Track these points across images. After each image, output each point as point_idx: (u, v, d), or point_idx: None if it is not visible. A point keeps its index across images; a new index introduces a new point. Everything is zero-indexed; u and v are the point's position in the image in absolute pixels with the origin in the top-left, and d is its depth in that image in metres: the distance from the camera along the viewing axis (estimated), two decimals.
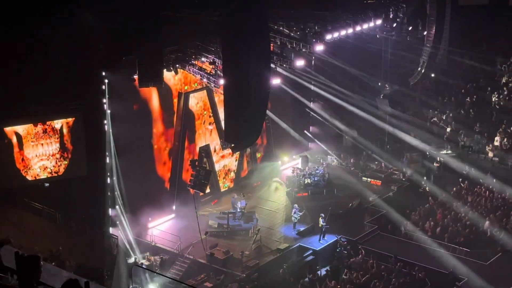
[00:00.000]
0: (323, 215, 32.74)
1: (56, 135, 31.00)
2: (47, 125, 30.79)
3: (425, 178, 38.88)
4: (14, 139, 30.23)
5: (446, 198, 36.02)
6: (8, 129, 30.09)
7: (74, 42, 29.65)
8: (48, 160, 30.99)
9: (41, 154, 30.86)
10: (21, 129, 30.31)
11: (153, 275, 28.06)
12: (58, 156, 31.21)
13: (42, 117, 30.58)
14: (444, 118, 42.42)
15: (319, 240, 32.43)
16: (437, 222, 33.67)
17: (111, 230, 31.28)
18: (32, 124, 30.46)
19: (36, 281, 6.53)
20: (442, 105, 43.49)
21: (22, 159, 30.63)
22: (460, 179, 37.77)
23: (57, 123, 30.97)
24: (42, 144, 30.74)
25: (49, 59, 29.63)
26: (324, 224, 32.34)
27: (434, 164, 39.62)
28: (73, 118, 31.22)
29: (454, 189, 37.01)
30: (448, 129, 41.34)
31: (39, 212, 30.71)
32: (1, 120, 29.73)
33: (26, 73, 29.19)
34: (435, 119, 42.51)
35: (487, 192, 36.32)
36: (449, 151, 40.72)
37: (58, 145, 31.10)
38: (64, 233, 30.51)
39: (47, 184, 30.84)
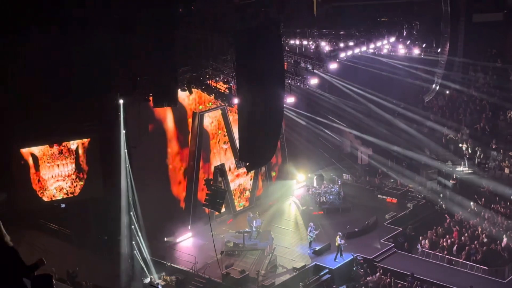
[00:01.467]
0: (340, 233, 32.64)
1: (72, 156, 31.20)
2: (62, 146, 31.01)
3: (441, 195, 38.65)
4: (30, 160, 30.48)
5: (462, 216, 35.79)
6: (25, 151, 30.32)
7: (89, 63, 29.88)
8: (64, 181, 31.16)
9: (57, 175, 31.06)
10: (37, 150, 30.56)
11: None
12: (74, 176, 31.39)
13: (58, 138, 30.78)
14: (459, 134, 42.22)
15: (335, 258, 32.26)
16: (454, 240, 33.43)
17: (127, 250, 31.30)
18: (48, 145, 30.67)
19: None
20: (457, 121, 43.31)
21: (38, 180, 30.84)
22: (477, 196, 37.49)
23: (73, 144, 31.19)
24: (58, 165, 30.93)
25: (65, 81, 29.88)
26: (341, 242, 32.20)
27: (450, 181, 39.39)
28: (89, 139, 31.43)
29: (471, 206, 36.75)
30: (464, 146, 41.13)
31: (55, 233, 30.85)
32: (17, 142, 29.96)
33: (42, 95, 29.45)
34: (450, 135, 42.32)
35: (504, 209, 36.03)
36: (465, 168, 40.50)
37: (74, 165, 31.30)
38: (80, 254, 30.60)
39: (63, 205, 30.96)
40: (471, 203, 36.96)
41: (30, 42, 28.58)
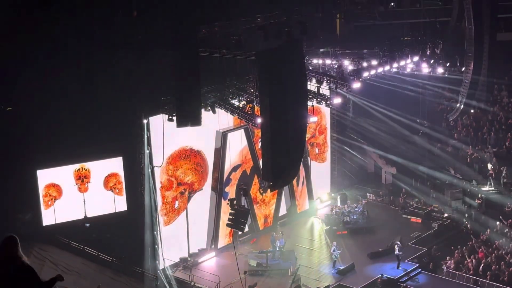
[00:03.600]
0: (398, 243, 32.86)
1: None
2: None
3: (466, 215, 38.32)
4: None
5: (488, 236, 35.43)
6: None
7: (113, 83, 30.21)
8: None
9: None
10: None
11: None
12: None
13: (81, 158, 31.02)
14: (485, 154, 41.90)
15: (397, 267, 32.84)
16: (479, 260, 33.06)
17: (150, 269, 31.36)
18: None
19: None
20: (482, 141, 43.01)
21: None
22: (502, 216, 37.09)
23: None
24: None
25: (89, 101, 30.20)
26: (399, 253, 32.50)
27: (476, 201, 39.04)
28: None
29: (497, 226, 36.38)
30: (490, 166, 40.78)
31: (79, 252, 30.96)
32: (41, 162, 30.25)
33: (66, 114, 29.75)
34: (476, 155, 42.01)
35: None
36: (491, 188, 40.12)
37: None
38: (104, 273, 30.67)
39: (87, 224, 31.13)
40: (497, 223, 36.59)
41: (54, 62, 28.91)
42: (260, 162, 32.86)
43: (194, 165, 33.91)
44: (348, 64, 34.37)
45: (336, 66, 34.17)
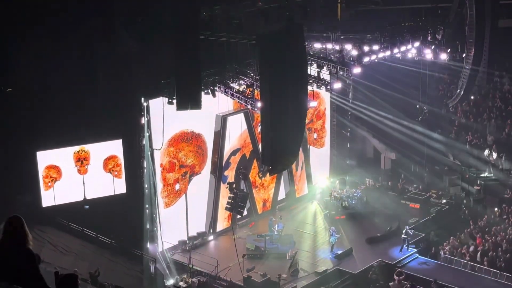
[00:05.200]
0: (407, 227, 33.42)
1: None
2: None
3: (464, 201, 38.40)
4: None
5: (486, 222, 35.54)
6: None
7: (113, 66, 30.17)
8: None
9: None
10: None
11: None
12: None
13: (81, 141, 31.05)
14: (484, 140, 41.89)
15: (407, 248, 33.40)
16: (477, 246, 33.19)
17: (149, 252, 31.49)
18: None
19: None
20: (482, 127, 43.00)
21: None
22: (501, 202, 37.18)
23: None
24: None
25: (89, 83, 30.18)
26: (405, 236, 33.18)
27: (474, 187, 39.12)
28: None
29: (495, 212, 36.48)
30: (488, 152, 40.80)
31: (78, 234, 31.07)
32: (40, 144, 30.27)
33: (66, 96, 29.75)
34: (475, 141, 42.01)
35: None
36: (490, 174, 40.18)
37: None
38: (103, 255, 30.80)
39: (87, 207, 31.20)
40: (495, 209, 36.69)
41: (55, 45, 28.86)
42: (260, 146, 32.91)
43: (195, 147, 33.98)
44: (349, 49, 34.28)
45: (337, 51, 34.07)
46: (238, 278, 30.68)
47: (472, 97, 44.05)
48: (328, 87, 33.06)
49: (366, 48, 34.28)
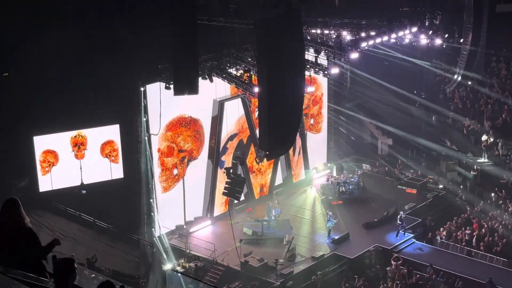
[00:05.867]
0: (402, 213, 33.59)
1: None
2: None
3: (461, 186, 38.49)
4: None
5: (483, 207, 35.64)
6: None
7: (110, 51, 30.06)
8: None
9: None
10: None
11: (188, 282, 28.09)
12: None
13: (78, 126, 31.02)
14: (481, 126, 41.94)
15: (404, 234, 33.42)
16: (473, 231, 33.29)
17: (146, 237, 31.54)
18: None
19: (71, 283, 6.66)
20: (479, 112, 43.01)
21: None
22: (497, 188, 37.26)
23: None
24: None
25: (87, 68, 30.09)
26: (399, 223, 33.10)
27: (471, 173, 39.19)
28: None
29: (492, 198, 36.57)
30: (485, 137, 40.85)
31: (75, 218, 31.09)
32: (37, 128, 30.23)
33: (63, 81, 29.69)
34: (472, 127, 42.06)
35: None
36: (486, 160, 40.24)
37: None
38: (100, 240, 30.85)
39: (84, 191, 31.20)
40: (492, 195, 36.78)
41: (52, 30, 28.74)
42: (257, 131, 32.89)
43: (194, 132, 33.99)
44: (346, 34, 34.20)
45: (334, 36, 33.99)
46: (235, 263, 30.79)
47: (469, 83, 44.03)
48: (326, 72, 33.01)
49: (363, 34, 34.21)
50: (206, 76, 30.58)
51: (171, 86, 28.72)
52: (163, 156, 32.69)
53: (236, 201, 34.30)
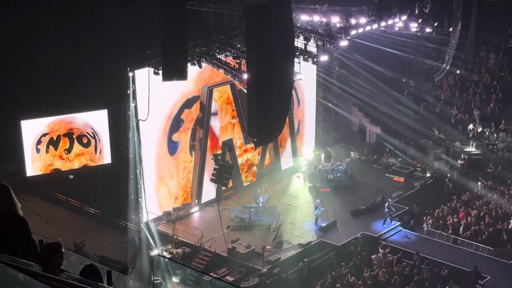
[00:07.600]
0: (390, 200, 33.80)
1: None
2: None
3: (448, 175, 38.65)
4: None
5: (470, 196, 35.81)
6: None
7: (99, 36, 29.91)
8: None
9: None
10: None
11: (175, 268, 28.19)
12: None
13: (67, 110, 30.91)
14: (469, 115, 42.08)
15: (391, 221, 33.69)
16: (460, 220, 33.46)
17: (134, 222, 31.52)
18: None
19: (58, 267, 6.65)
20: (467, 102, 43.16)
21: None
22: (484, 177, 37.44)
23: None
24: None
25: (74, 53, 29.94)
26: (387, 210, 33.34)
27: (459, 161, 39.35)
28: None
29: (478, 186, 36.76)
30: (472, 127, 41.00)
31: (63, 204, 31.05)
32: (25, 113, 30.11)
33: (51, 67, 29.53)
34: (460, 115, 42.20)
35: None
36: (474, 149, 40.42)
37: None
38: (88, 225, 30.82)
39: (71, 176, 31.14)
40: (479, 184, 36.97)
41: (39, 15, 28.58)
42: (245, 118, 32.84)
43: None
44: (336, 22, 34.16)
45: (324, 24, 33.95)
46: (223, 249, 30.83)
47: (458, 71, 44.15)
48: (315, 59, 32.98)
49: (353, 21, 34.19)
50: (195, 62, 30.48)
51: (160, 71, 28.61)
52: (151, 141, 32.57)
53: (224, 188, 34.30)
